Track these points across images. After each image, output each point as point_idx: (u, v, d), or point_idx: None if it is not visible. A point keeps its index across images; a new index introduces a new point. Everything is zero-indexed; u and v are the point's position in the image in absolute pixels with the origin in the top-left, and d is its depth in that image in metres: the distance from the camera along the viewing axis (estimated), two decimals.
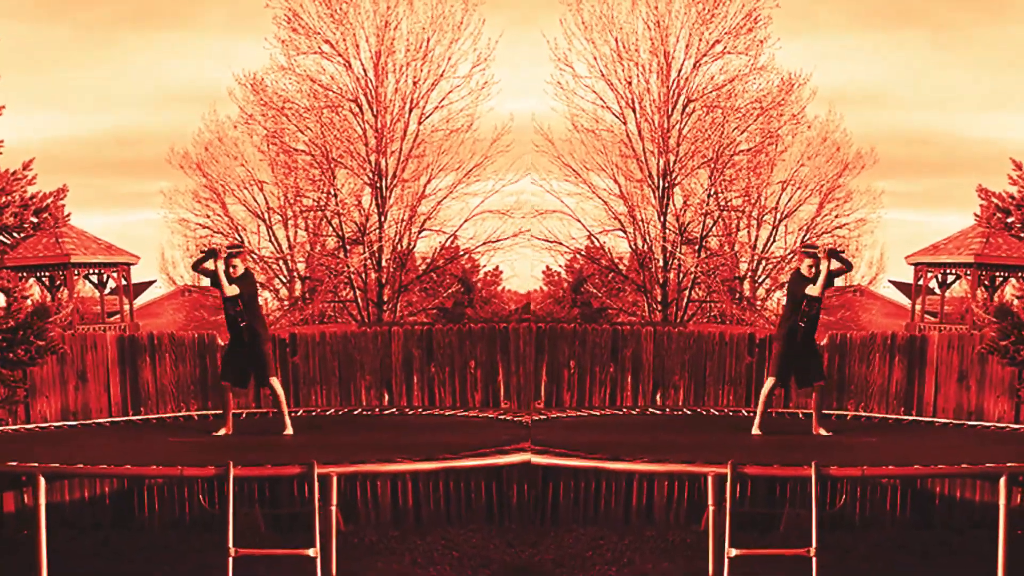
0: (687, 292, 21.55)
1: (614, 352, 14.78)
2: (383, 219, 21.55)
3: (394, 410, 14.16)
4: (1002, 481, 9.23)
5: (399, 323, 20.23)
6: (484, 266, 22.53)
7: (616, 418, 13.73)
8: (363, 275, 21.58)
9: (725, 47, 21.38)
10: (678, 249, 21.47)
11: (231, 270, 12.03)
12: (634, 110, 21.51)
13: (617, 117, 21.54)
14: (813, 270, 12.10)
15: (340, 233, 21.48)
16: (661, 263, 21.53)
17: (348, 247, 21.49)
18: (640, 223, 21.51)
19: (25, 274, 16.77)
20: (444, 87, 21.49)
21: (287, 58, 21.38)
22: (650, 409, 14.21)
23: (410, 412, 13.99)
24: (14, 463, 10.00)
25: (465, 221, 21.53)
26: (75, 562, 10.57)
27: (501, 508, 12.40)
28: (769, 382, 12.14)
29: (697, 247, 21.43)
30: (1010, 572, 9.16)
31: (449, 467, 10.85)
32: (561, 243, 21.63)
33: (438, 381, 14.65)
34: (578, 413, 13.82)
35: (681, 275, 21.58)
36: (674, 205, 21.48)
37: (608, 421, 13.45)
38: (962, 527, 11.95)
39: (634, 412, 14.03)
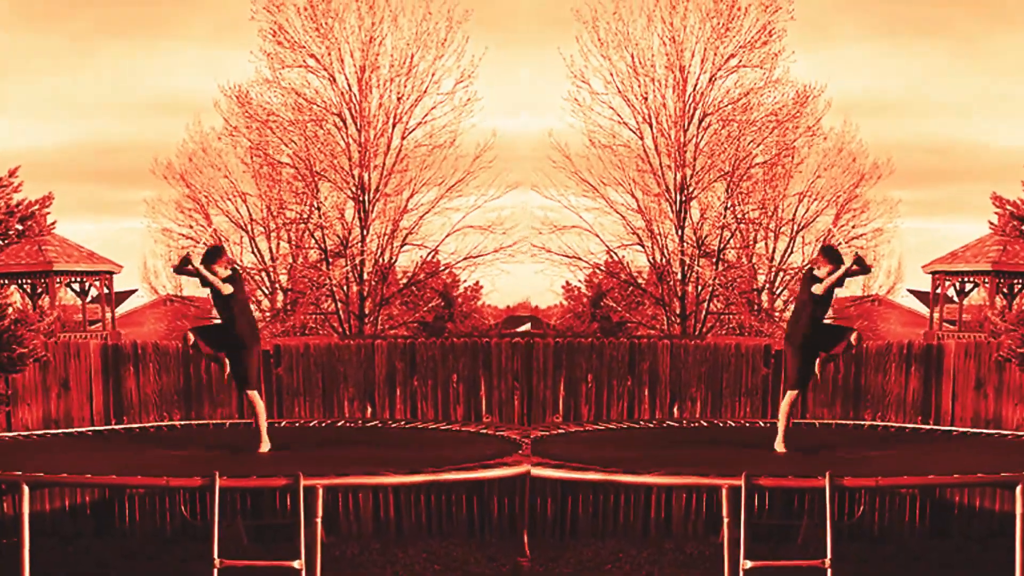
0: (705, 304, 21.67)
1: (631, 365, 14.77)
2: (365, 232, 21.57)
3: (377, 423, 14.14)
4: (1019, 489, 9.07)
5: (382, 336, 20.22)
6: (464, 281, 22.59)
7: (633, 431, 13.70)
8: (345, 288, 21.58)
9: (740, 61, 21.53)
10: (696, 262, 21.59)
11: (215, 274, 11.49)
12: (650, 125, 21.65)
13: (634, 132, 21.68)
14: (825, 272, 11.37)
15: (322, 246, 21.48)
16: (679, 276, 21.64)
17: (330, 260, 21.49)
18: (658, 237, 21.63)
19: (6, 281, 16.70)
20: (427, 103, 21.58)
21: (272, 71, 21.41)
22: (667, 422, 14.23)
23: (393, 425, 13.98)
24: None
25: (447, 236, 21.61)
26: (57, 571, 10.50)
27: (483, 522, 12.42)
28: (790, 395, 11.35)
29: (715, 260, 21.56)
30: None
31: (438, 480, 10.82)
32: (580, 258, 21.78)
33: (420, 394, 14.66)
34: (596, 427, 13.82)
35: (699, 288, 21.70)
36: (691, 218, 21.59)
37: (625, 435, 13.45)
38: (980, 536, 11.89)
39: (651, 425, 14.04)
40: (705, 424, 14.10)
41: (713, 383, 14.86)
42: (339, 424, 13.97)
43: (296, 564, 8.97)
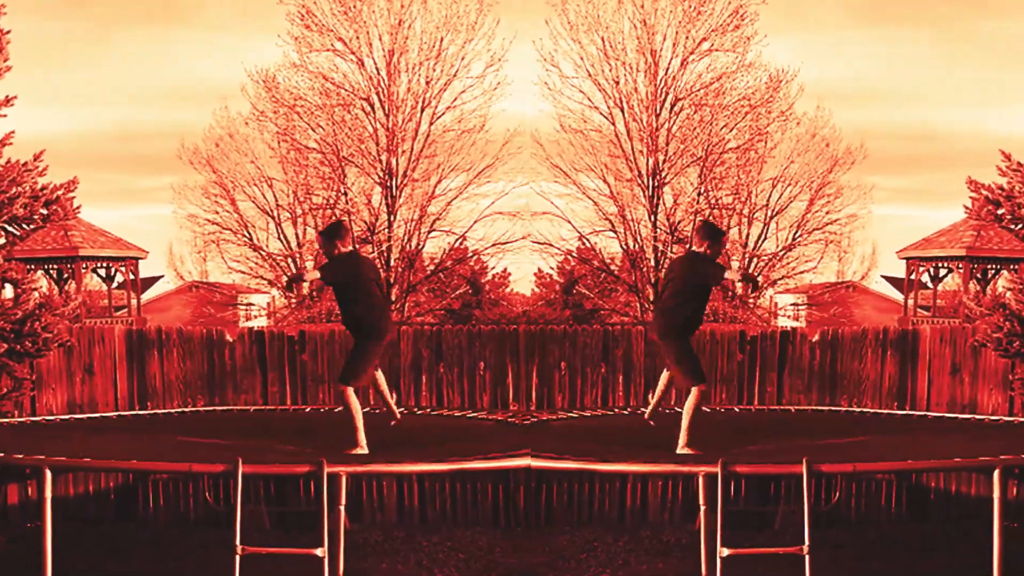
0: None
1: (605, 352, 14.66)
2: (392, 218, 21.44)
3: (403, 410, 14.05)
4: (996, 474, 9.12)
5: (408, 323, 20.11)
6: (493, 268, 22.43)
7: (608, 419, 13.60)
8: None
9: (712, 45, 21.26)
10: (669, 248, 21.35)
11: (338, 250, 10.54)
12: (622, 110, 21.37)
13: (605, 117, 21.40)
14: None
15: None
16: (653, 263, 21.41)
17: (357, 246, 21.39)
18: (631, 223, 21.38)
19: (33, 266, 16.69)
20: (456, 87, 21.38)
21: (300, 55, 21.29)
22: (641, 409, 14.10)
23: (419, 412, 13.87)
24: (20, 456, 9.88)
25: (475, 222, 21.44)
26: (79, 556, 10.43)
27: (508, 511, 12.28)
28: (695, 392, 10.49)
29: (688, 246, 21.33)
30: (1005, 564, 9.05)
31: (457, 469, 10.70)
32: (552, 245, 21.52)
33: (447, 382, 14.53)
34: (569, 414, 13.72)
35: None
36: (664, 204, 21.35)
37: (600, 422, 13.33)
38: (957, 520, 11.80)
39: (626, 412, 13.92)
40: (680, 411, 13.92)
41: None
42: (364, 411, 13.87)
43: (319, 551, 8.87)
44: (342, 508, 9.34)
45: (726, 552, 8.82)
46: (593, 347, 14.73)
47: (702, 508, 9.18)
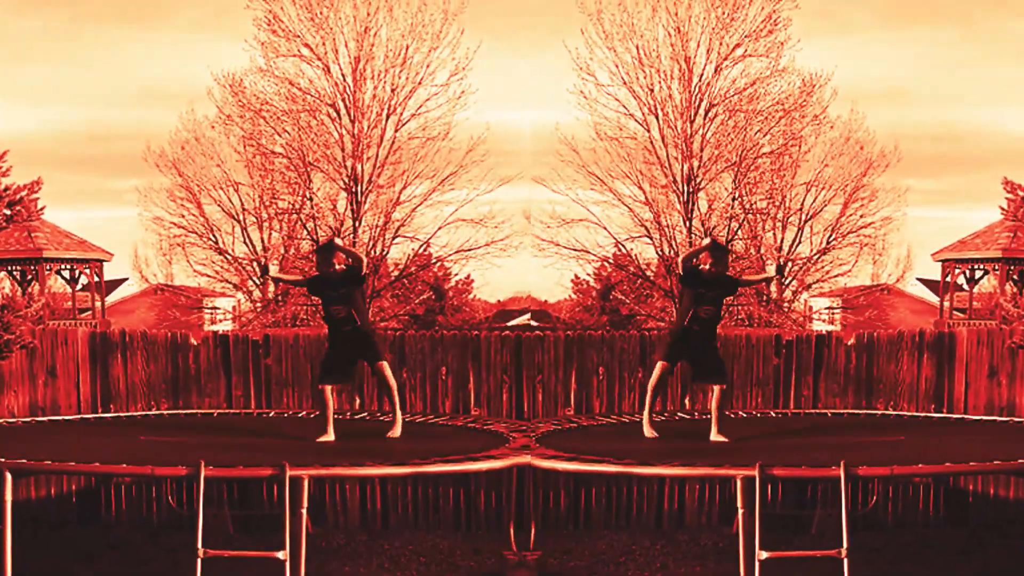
0: None
1: (642, 358, 14.70)
2: (357, 224, 21.53)
3: (366, 414, 14.09)
4: None
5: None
6: (456, 274, 22.55)
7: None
8: None
9: (746, 50, 21.49)
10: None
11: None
12: (657, 116, 21.59)
13: (640, 124, 21.64)
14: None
15: (314, 237, 21.44)
16: None
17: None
18: (666, 229, 21.58)
19: None
20: (422, 95, 21.60)
21: (266, 60, 21.38)
22: (679, 414, 14.18)
23: (381, 417, 13.92)
24: None
25: (439, 229, 21.57)
26: (41, 560, 10.43)
27: (469, 514, 12.39)
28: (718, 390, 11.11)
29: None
30: None
31: (422, 472, 10.77)
32: (588, 251, 21.70)
33: (409, 387, 14.60)
34: (608, 419, 13.76)
35: None
36: (699, 210, 21.53)
37: (637, 427, 13.39)
38: (996, 525, 11.76)
39: (663, 416, 14.00)
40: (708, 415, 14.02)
41: None
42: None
43: (280, 555, 8.92)
44: (303, 511, 9.40)
45: (764, 555, 8.83)
46: (631, 352, 14.78)
47: (740, 511, 9.18)
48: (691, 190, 21.47)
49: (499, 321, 21.16)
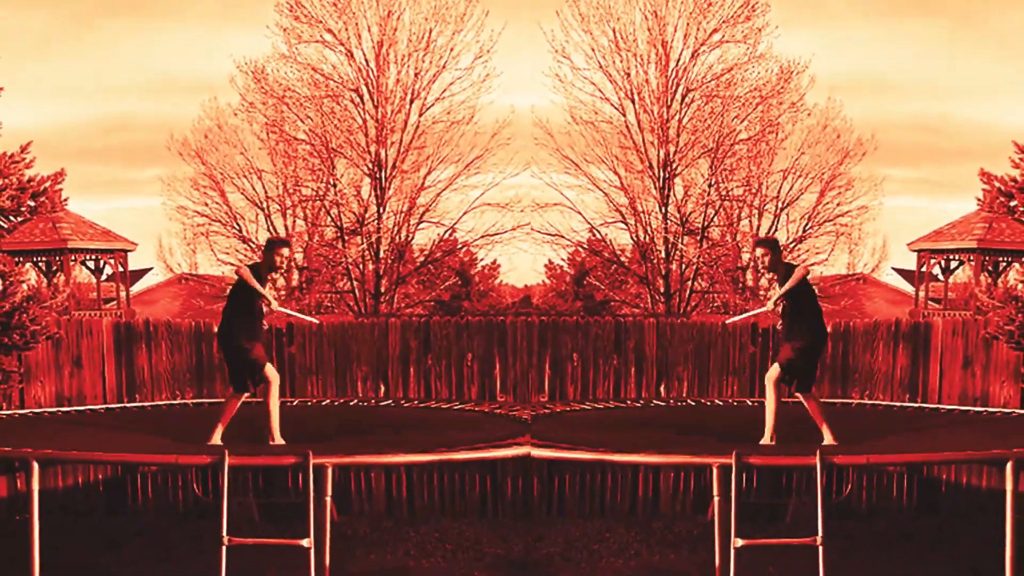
0: (690, 283, 21.56)
1: (617, 344, 14.73)
2: (382, 210, 21.52)
3: (390, 402, 14.15)
4: (1009, 467, 9.07)
5: (396, 314, 20.21)
6: (482, 259, 22.52)
7: (620, 410, 13.67)
8: (360, 266, 21.56)
9: (723, 36, 21.34)
10: (680, 240, 21.43)
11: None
12: (633, 101, 21.45)
13: (616, 108, 21.50)
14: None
15: (338, 223, 21.46)
16: (663, 254, 21.49)
17: (346, 238, 21.47)
18: (641, 214, 21.47)
19: (21, 259, 16.74)
20: (446, 78, 21.48)
21: (289, 46, 21.36)
22: (654, 401, 14.20)
23: (406, 404, 13.98)
24: (8, 448, 9.97)
25: (464, 214, 21.53)
26: (68, 548, 10.52)
27: (496, 501, 12.40)
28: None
29: (699, 237, 21.40)
30: (1018, 558, 8.99)
31: (446, 460, 10.81)
32: (563, 236, 21.58)
33: (435, 374, 14.64)
34: (582, 406, 13.78)
35: (683, 266, 21.56)
36: (675, 196, 21.43)
37: (612, 414, 13.42)
38: (969, 514, 11.78)
39: (638, 404, 14.01)
40: (692, 403, 14.07)
41: (700, 362, 14.80)
42: (352, 403, 13.99)
43: (305, 542, 8.98)
44: (328, 499, 9.45)
45: (740, 543, 8.86)
46: (605, 338, 14.80)
47: (716, 499, 9.20)
48: (667, 176, 21.36)
49: (524, 307, 21.14)
